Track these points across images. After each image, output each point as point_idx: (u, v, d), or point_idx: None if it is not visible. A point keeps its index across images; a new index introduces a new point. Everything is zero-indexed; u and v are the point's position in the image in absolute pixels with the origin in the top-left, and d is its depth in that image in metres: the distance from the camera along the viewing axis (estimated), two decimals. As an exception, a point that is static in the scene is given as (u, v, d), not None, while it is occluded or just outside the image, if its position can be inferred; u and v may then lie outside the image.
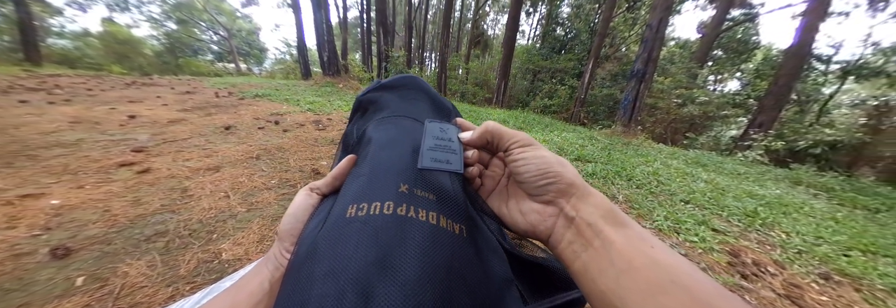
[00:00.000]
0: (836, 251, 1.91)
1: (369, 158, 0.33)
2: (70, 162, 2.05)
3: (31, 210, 1.46)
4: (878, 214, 3.06)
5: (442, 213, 0.27)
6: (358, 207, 0.26)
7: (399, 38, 16.10)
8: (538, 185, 0.26)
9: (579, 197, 0.25)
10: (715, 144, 9.56)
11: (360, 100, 0.50)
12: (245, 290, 0.27)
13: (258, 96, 5.50)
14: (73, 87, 5.17)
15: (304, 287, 0.22)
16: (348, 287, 0.21)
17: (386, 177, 0.29)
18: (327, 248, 0.24)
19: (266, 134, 3.10)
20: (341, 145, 0.49)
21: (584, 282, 0.22)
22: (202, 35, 27.21)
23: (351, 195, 0.28)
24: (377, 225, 0.24)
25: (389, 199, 0.26)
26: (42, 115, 3.17)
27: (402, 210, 0.26)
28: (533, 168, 0.26)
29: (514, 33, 8.78)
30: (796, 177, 4.36)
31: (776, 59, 11.50)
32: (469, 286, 0.24)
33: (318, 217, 0.29)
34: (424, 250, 0.23)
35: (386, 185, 0.28)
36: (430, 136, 0.32)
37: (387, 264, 0.22)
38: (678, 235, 1.87)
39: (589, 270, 0.22)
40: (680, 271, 0.20)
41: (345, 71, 10.12)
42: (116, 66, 16.49)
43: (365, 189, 0.28)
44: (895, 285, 1.58)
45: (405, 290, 0.20)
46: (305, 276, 0.23)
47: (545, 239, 0.26)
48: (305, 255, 0.25)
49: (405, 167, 0.31)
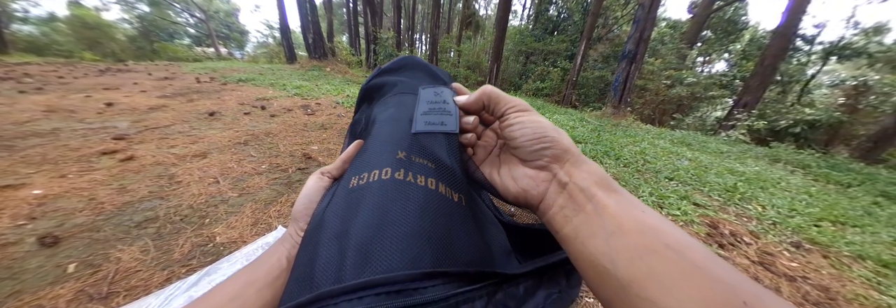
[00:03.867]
0: (807, 222, 2.03)
1: (372, 136, 0.33)
2: (48, 151, 1.98)
3: (12, 200, 1.42)
4: (849, 189, 3.23)
5: (440, 180, 0.27)
6: (359, 178, 0.27)
7: (387, 18, 15.54)
8: (533, 150, 0.26)
9: (573, 163, 0.25)
10: (701, 125, 9.76)
11: (365, 89, 0.50)
12: (264, 266, 0.28)
13: (242, 81, 5.32)
14: (44, 75, 4.91)
15: (311, 252, 0.23)
16: (349, 246, 0.21)
17: (383, 147, 0.30)
18: (332, 216, 0.25)
19: (253, 119, 3.04)
20: (349, 134, 0.49)
21: (573, 246, 0.22)
22: (177, 17, 25.79)
23: (353, 169, 0.29)
24: (375, 189, 0.25)
25: (387, 165, 0.27)
26: (13, 104, 3.03)
27: (400, 175, 0.26)
28: (528, 132, 0.26)
29: (506, 14, 8.54)
30: (775, 154, 4.52)
31: (763, 39, 11.56)
32: (470, 246, 0.24)
33: (329, 197, 0.30)
34: (423, 209, 0.23)
35: (383, 153, 0.29)
36: (424, 102, 0.32)
37: (385, 222, 0.22)
38: (661, 210, 1.94)
39: (580, 234, 0.22)
40: (669, 234, 0.20)
41: (332, 54, 9.81)
42: (88, 53, 15.65)
43: (364, 161, 0.29)
44: (860, 252, 1.70)
45: (401, 243, 0.21)
46: (313, 243, 0.24)
47: (536, 204, 0.26)
48: (314, 227, 0.26)
49: (402, 136, 0.31)
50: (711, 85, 9.28)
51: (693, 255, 0.18)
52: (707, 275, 0.17)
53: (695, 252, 0.19)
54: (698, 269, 0.17)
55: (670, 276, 0.17)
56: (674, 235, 0.20)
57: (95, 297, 0.96)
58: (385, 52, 9.86)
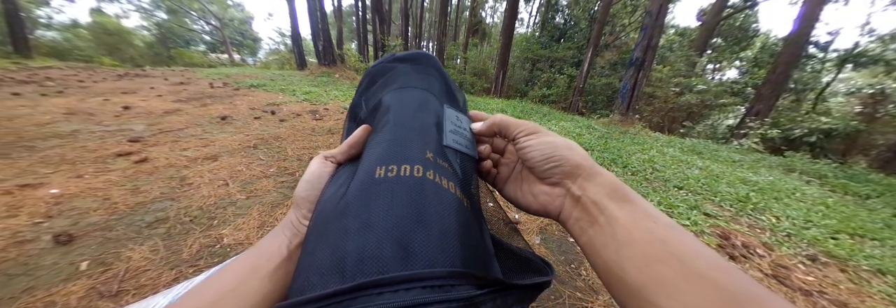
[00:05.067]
0: (824, 234, 1.97)
1: (392, 125, 0.32)
2: (67, 152, 2.04)
3: (30, 199, 1.47)
4: (868, 200, 3.13)
5: (457, 185, 0.28)
6: (387, 169, 0.27)
7: (395, 26, 15.81)
8: (544, 169, 0.28)
9: (586, 177, 0.26)
10: (712, 133, 9.60)
11: (371, 71, 0.48)
12: (265, 254, 0.27)
13: (253, 87, 5.44)
14: (65, 79, 5.10)
15: (339, 242, 0.22)
16: (385, 238, 0.21)
17: (411, 143, 0.30)
18: (359, 205, 0.24)
19: (263, 124, 3.09)
20: (349, 116, 0.46)
21: (590, 254, 0.24)
22: (193, 25, 26.61)
23: (376, 158, 0.28)
24: (409, 184, 0.25)
25: (418, 163, 0.27)
26: (35, 107, 3.14)
27: (430, 175, 0.26)
28: (538, 154, 0.28)
29: (512, 21, 8.63)
30: (790, 164, 4.41)
31: (775, 46, 11.42)
32: (481, 253, 0.26)
33: (338, 182, 0.29)
34: (452, 212, 0.25)
35: (413, 149, 0.29)
36: (449, 121, 0.34)
37: (421, 219, 0.23)
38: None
39: (594, 244, 0.24)
40: (678, 244, 0.21)
41: (341, 61, 9.99)
42: (107, 58, 16.17)
43: (391, 152, 0.29)
44: (880, 266, 1.64)
45: (441, 243, 0.22)
46: (338, 231, 0.23)
47: (556, 216, 0.28)
48: (334, 213, 0.25)
49: (430, 138, 0.31)
50: (722, 92, 9.15)
51: (698, 263, 0.19)
52: (709, 282, 0.18)
53: (700, 260, 0.20)
54: (700, 277, 0.19)
55: (675, 284, 0.19)
56: (682, 244, 0.21)
57: (105, 294, 0.98)
58: (393, 58, 9.98)
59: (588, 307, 1.14)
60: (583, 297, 1.19)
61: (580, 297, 1.19)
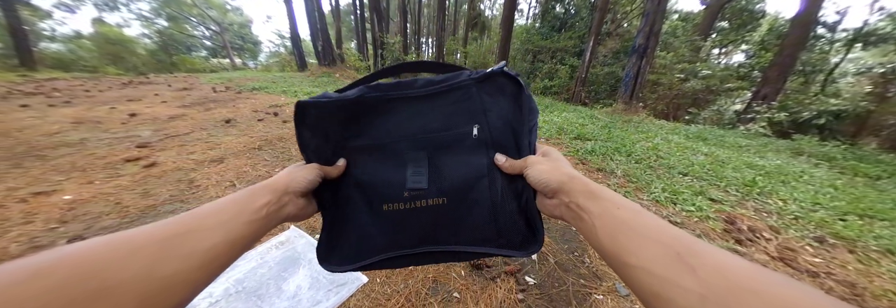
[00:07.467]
0: (832, 216, 1.95)
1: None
2: (77, 160, 2.10)
3: (45, 206, 1.52)
4: (878, 181, 3.07)
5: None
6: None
7: (394, 23, 15.72)
8: (541, 189, 0.38)
9: (567, 190, 0.35)
10: (718, 119, 9.44)
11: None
12: (251, 205, 0.33)
13: (255, 89, 5.49)
14: (71, 90, 5.19)
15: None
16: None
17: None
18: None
19: (266, 125, 3.13)
20: (308, 157, 0.45)
21: (589, 242, 0.33)
22: (194, 31, 26.80)
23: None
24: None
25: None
26: (44, 117, 3.21)
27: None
28: (533, 181, 0.38)
29: (511, 12, 8.52)
30: (798, 147, 4.34)
31: (782, 28, 11.13)
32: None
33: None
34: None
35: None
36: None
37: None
38: (675, 206, 1.90)
39: (585, 233, 0.33)
40: (634, 221, 0.29)
41: (341, 60, 10.01)
42: (111, 68, 16.39)
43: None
44: (889, 246, 1.62)
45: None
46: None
47: (562, 219, 0.38)
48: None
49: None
50: (728, 77, 8.98)
51: (644, 229, 0.28)
52: (651, 238, 0.27)
53: (650, 229, 0.27)
54: (643, 237, 0.27)
55: (633, 246, 0.27)
56: (638, 221, 0.29)
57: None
58: (392, 56, 9.97)
59: (591, 293, 1.15)
60: (586, 284, 1.20)
61: (584, 284, 1.20)
